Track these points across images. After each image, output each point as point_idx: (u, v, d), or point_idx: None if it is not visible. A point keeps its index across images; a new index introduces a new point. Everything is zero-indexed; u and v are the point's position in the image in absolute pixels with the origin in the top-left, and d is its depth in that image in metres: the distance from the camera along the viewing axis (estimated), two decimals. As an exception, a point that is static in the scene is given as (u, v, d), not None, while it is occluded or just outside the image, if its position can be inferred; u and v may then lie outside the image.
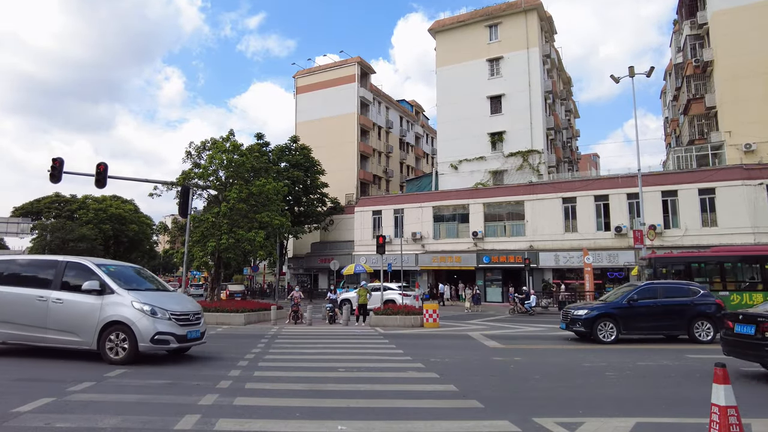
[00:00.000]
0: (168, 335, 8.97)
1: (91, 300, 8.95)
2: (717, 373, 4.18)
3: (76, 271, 9.34)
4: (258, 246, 21.70)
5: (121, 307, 8.87)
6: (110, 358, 8.75)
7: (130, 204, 56.71)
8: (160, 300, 9.37)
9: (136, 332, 8.70)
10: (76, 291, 9.02)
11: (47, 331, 9.04)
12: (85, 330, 8.90)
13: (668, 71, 49.60)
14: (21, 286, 9.40)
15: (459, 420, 5.59)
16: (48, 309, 9.04)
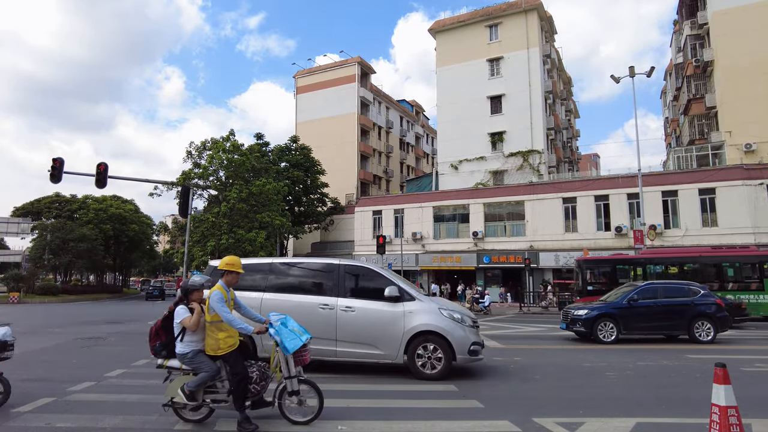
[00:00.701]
0: (478, 345, 8.12)
1: (390, 308, 7.93)
2: (717, 373, 4.18)
3: (360, 275, 8.42)
4: (258, 246, 21.76)
5: (429, 315, 7.86)
6: (422, 373, 7.79)
7: (130, 204, 56.80)
8: (450, 305, 8.56)
9: (453, 343, 7.75)
10: (369, 298, 8.07)
11: (338, 344, 7.99)
12: (386, 342, 7.85)
13: (668, 71, 49.60)
14: (297, 293, 8.37)
15: (459, 420, 5.59)
16: (336, 318, 8.00)
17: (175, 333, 5.20)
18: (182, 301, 5.30)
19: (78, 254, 41.93)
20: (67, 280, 54.71)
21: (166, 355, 5.31)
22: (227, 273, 5.34)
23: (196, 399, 5.14)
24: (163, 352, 5.30)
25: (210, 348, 5.19)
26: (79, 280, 60.81)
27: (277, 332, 5.15)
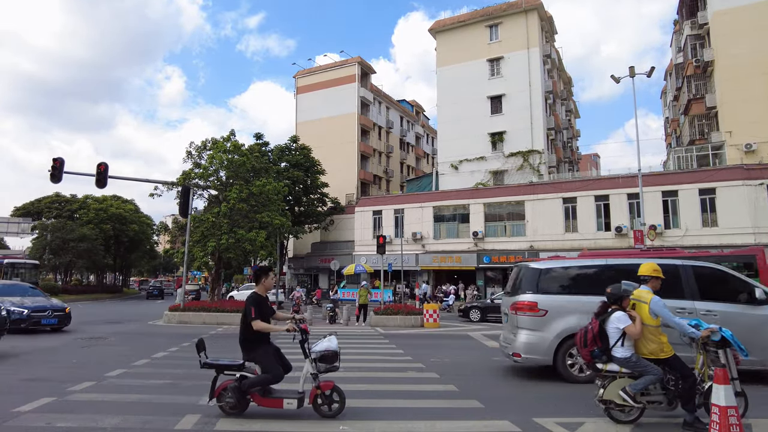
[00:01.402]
0: None
1: (755, 311, 7.58)
2: (717, 373, 4.18)
3: (710, 276, 7.99)
4: (259, 246, 21.72)
5: None
6: None
7: (130, 204, 56.81)
8: None
9: None
10: (725, 300, 7.70)
11: None
12: (760, 348, 7.38)
13: (669, 71, 49.61)
14: None
15: (459, 420, 5.59)
16: None
17: (614, 339, 5.45)
18: (607, 308, 5.56)
19: (78, 254, 41.91)
20: (68, 280, 54.71)
21: (606, 360, 5.51)
22: (653, 279, 5.61)
23: (637, 401, 5.35)
24: (603, 357, 5.51)
25: (650, 352, 5.43)
26: (79, 280, 60.82)
27: (731, 336, 5.24)
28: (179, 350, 11.30)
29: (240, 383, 5.52)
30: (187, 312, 19.29)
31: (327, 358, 5.63)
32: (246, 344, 5.74)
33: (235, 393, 5.46)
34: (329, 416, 5.53)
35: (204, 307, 19.65)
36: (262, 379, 5.51)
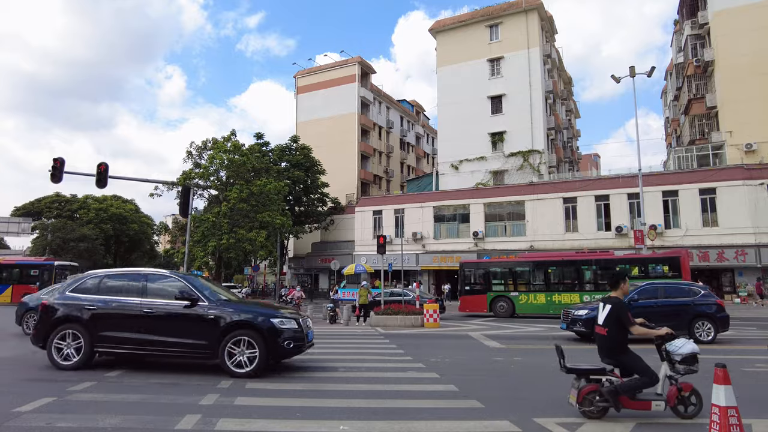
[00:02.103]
0: None
1: None
2: (717, 373, 4.18)
3: None
4: (259, 246, 21.75)
5: None
6: None
7: (130, 204, 56.86)
8: None
9: None
10: None
11: None
12: None
13: (669, 71, 49.61)
14: None
15: (459, 420, 5.59)
16: None
17: None
18: None
19: (78, 254, 41.91)
20: (68, 280, 54.66)
21: None
22: None
23: None
24: None
25: None
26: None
27: None
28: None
29: (617, 386, 5.49)
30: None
31: (688, 360, 5.57)
32: (618, 350, 5.81)
33: (611, 396, 5.44)
34: (688, 417, 5.51)
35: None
36: (641, 382, 5.52)
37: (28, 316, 12.03)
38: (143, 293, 8.39)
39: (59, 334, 8.29)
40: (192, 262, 23.47)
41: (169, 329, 8.15)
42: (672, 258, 20.41)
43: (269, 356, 7.97)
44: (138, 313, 8.20)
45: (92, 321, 8.27)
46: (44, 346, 8.33)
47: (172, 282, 8.55)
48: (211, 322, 7.98)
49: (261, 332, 7.87)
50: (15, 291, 30.41)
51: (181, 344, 8.06)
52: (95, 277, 8.93)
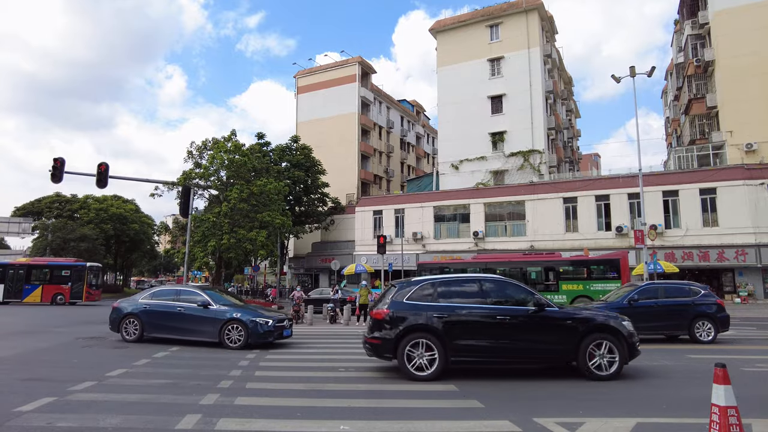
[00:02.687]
0: None
1: None
2: (717, 373, 4.18)
3: None
4: (259, 245, 21.74)
5: None
6: None
7: (131, 204, 56.84)
8: None
9: None
10: None
11: None
12: None
13: (669, 71, 49.60)
14: None
15: (459, 420, 5.59)
16: None
17: None
18: None
19: (79, 254, 41.87)
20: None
21: None
22: None
23: None
24: None
25: None
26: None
27: None
28: (180, 350, 11.31)
29: None
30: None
31: None
32: None
33: None
34: None
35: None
36: None
37: (126, 322, 12.25)
38: (485, 297, 8.23)
39: (411, 343, 7.86)
40: (192, 262, 23.46)
41: (524, 336, 7.95)
42: (613, 260, 21.40)
43: None
44: (489, 320, 7.93)
45: (447, 329, 7.88)
46: (394, 356, 7.94)
47: (512, 285, 8.57)
48: (570, 327, 7.98)
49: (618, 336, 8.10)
50: (45, 291, 31.30)
51: (537, 351, 8.02)
52: (429, 283, 8.53)
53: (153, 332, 12.20)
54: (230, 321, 11.45)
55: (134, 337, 12.23)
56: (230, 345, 11.26)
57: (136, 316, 12.30)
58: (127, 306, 12.65)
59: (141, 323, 12.22)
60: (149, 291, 13.16)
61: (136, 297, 13.07)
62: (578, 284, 21.65)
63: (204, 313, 11.73)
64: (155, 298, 12.56)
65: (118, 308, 12.74)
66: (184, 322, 11.84)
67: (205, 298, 11.96)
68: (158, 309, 12.21)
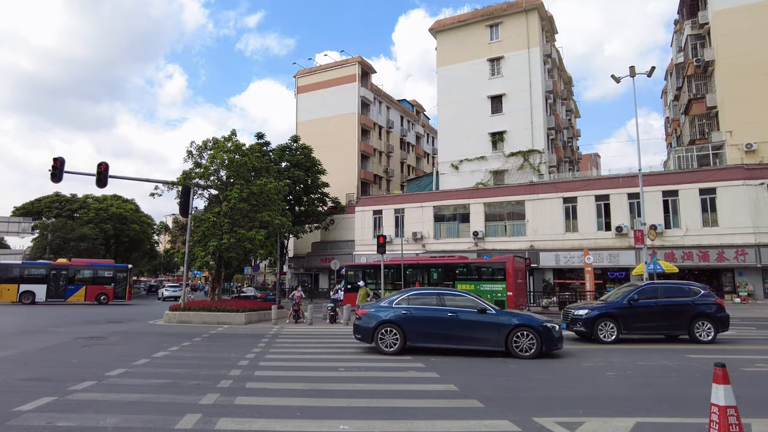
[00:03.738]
0: None
1: None
2: (717, 373, 4.18)
3: None
4: (258, 245, 21.69)
5: None
6: None
7: (131, 203, 56.82)
8: None
9: None
10: None
11: None
12: None
13: (669, 71, 49.60)
14: None
15: (459, 419, 5.60)
16: None
17: None
18: None
19: (79, 254, 41.86)
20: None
21: None
22: None
23: None
24: None
25: None
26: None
27: None
28: (180, 350, 11.31)
29: None
30: (188, 311, 19.32)
31: None
32: None
33: None
34: None
35: (205, 307, 19.69)
36: None
37: (383, 331, 10.71)
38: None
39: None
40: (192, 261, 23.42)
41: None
42: (500, 263, 23.74)
43: None
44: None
45: None
46: None
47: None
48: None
49: None
50: (88, 291, 32.97)
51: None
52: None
53: (417, 341, 10.74)
54: (518, 327, 10.15)
55: (394, 348, 10.63)
56: (520, 354, 9.99)
57: (394, 324, 10.75)
58: (380, 312, 11.05)
59: (402, 331, 10.68)
60: (399, 295, 11.50)
61: (383, 302, 11.58)
62: (471, 284, 23.67)
63: (484, 319, 10.35)
64: (413, 302, 11.13)
65: (369, 315, 11.13)
66: (460, 330, 10.45)
67: (481, 303, 10.75)
68: (423, 315, 10.74)
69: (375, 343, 10.78)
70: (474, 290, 23.16)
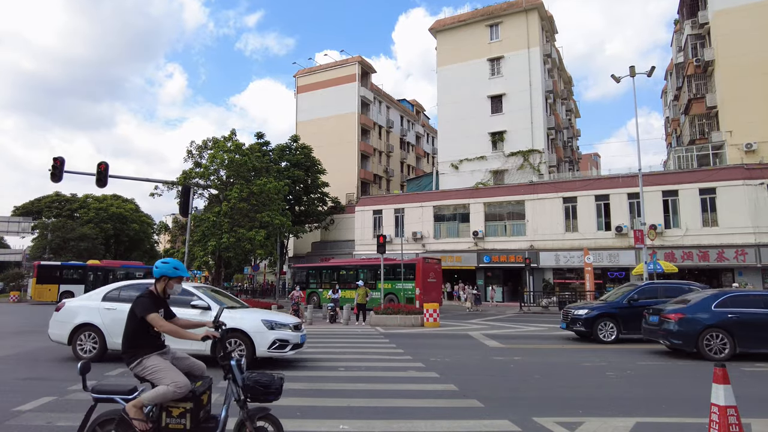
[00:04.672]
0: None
1: None
2: (716, 373, 4.18)
3: None
4: (258, 245, 21.71)
5: None
6: None
7: (130, 203, 56.85)
8: None
9: None
10: None
11: None
12: None
13: (669, 71, 49.59)
14: None
15: (459, 419, 5.59)
16: None
17: None
18: None
19: (78, 253, 41.90)
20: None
21: None
22: None
23: None
24: None
25: None
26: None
27: None
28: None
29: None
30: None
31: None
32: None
33: None
34: None
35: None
36: None
37: (709, 336, 9.96)
38: None
39: None
40: (192, 261, 23.45)
41: None
42: (412, 264, 26.43)
43: None
44: None
45: None
46: None
47: None
48: None
49: None
50: None
51: None
52: None
53: (751, 347, 9.88)
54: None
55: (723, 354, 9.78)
56: None
57: (722, 329, 9.87)
58: (707, 316, 10.09)
59: (732, 338, 9.82)
60: (720, 295, 10.51)
61: (697, 302, 10.49)
62: (389, 283, 26.33)
63: None
64: (738, 306, 10.11)
65: (692, 319, 10.08)
66: None
67: None
68: (757, 318, 9.88)
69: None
70: (391, 288, 26.44)
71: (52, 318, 9.65)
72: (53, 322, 9.57)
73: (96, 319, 9.16)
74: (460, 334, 15.15)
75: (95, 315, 9.21)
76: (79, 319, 9.25)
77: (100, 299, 9.44)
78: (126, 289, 9.44)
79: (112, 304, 9.21)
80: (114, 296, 9.40)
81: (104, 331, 9.09)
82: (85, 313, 9.28)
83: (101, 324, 9.12)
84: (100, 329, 9.13)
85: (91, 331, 9.21)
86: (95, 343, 9.17)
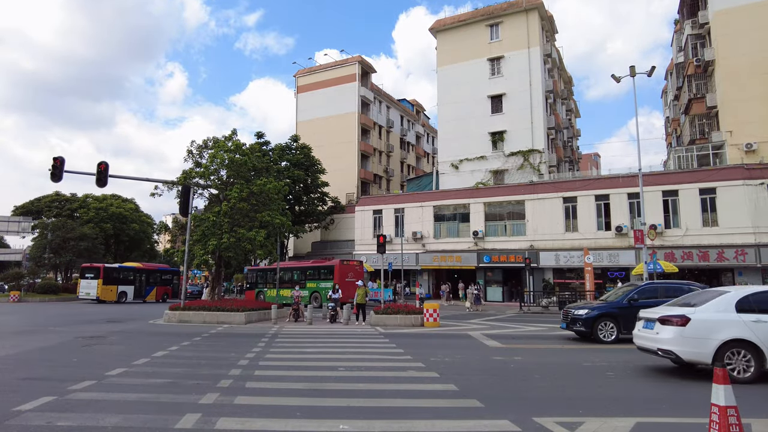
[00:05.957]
0: None
1: None
2: (717, 373, 4.18)
3: None
4: (258, 245, 21.67)
5: None
6: None
7: (130, 203, 56.78)
8: None
9: None
10: None
11: None
12: None
13: (669, 71, 49.57)
14: None
15: (459, 419, 5.60)
16: None
17: None
18: None
19: (78, 253, 41.88)
20: (68, 279, 54.73)
21: None
22: None
23: None
24: None
25: None
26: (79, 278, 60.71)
27: None
28: (179, 349, 11.31)
29: None
30: (188, 311, 19.32)
31: None
32: None
33: None
34: None
35: (204, 306, 19.68)
36: None
37: None
38: None
39: None
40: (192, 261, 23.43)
41: None
42: (330, 266, 29.49)
43: None
44: None
45: None
46: None
47: None
48: None
49: None
50: (158, 291, 37.49)
51: None
52: None
53: None
54: None
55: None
56: None
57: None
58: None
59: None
60: None
61: None
62: (314, 283, 30.31)
63: None
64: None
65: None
66: None
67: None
68: None
69: None
70: (315, 287, 29.85)
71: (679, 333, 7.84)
72: (683, 339, 7.81)
73: (746, 334, 7.62)
74: (460, 334, 15.15)
75: (743, 329, 7.65)
76: (725, 335, 7.66)
77: (734, 311, 7.81)
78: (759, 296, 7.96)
79: (755, 316, 7.72)
80: (748, 306, 7.84)
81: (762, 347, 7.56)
82: (728, 328, 7.70)
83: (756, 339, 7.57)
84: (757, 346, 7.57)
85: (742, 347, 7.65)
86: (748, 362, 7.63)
